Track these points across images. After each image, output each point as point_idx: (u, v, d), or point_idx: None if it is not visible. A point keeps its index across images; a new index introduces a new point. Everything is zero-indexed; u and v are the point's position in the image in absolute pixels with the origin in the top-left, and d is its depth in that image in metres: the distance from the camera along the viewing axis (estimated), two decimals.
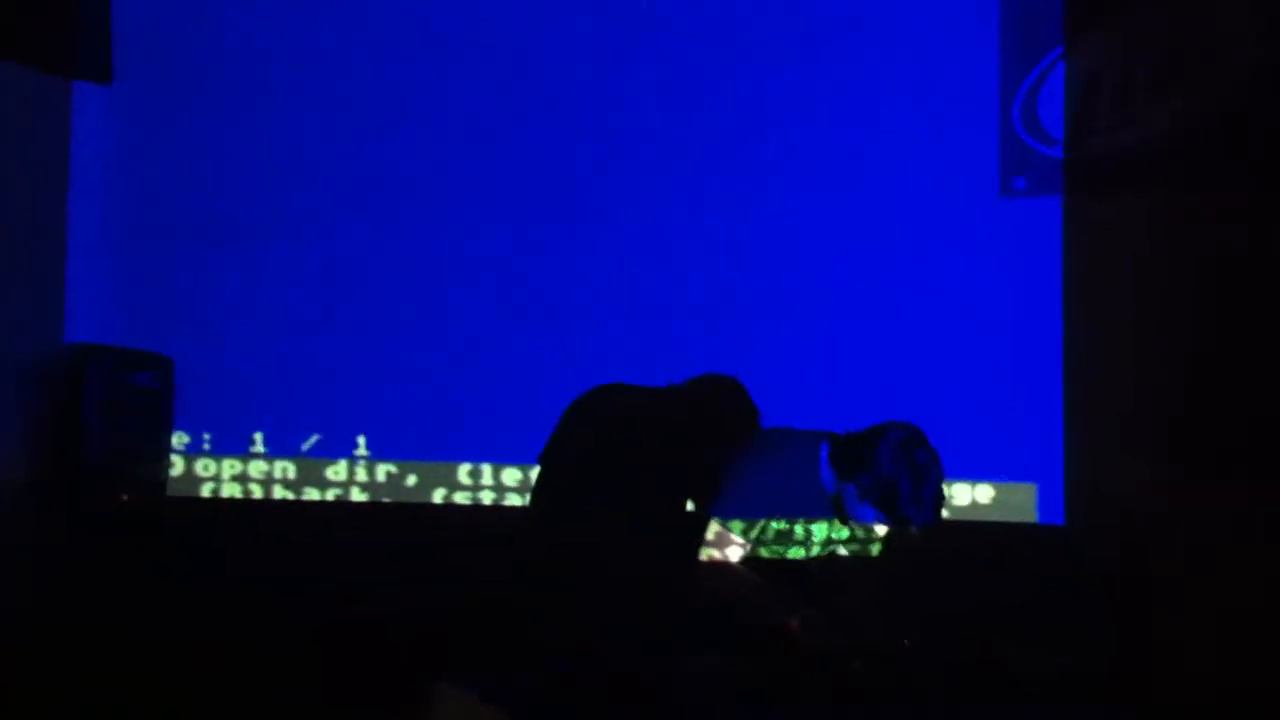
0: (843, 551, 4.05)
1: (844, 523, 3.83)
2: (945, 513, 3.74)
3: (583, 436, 4.12)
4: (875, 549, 4.02)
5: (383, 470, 5.54)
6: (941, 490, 3.72)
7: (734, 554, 3.81)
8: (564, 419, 4.17)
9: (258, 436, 5.54)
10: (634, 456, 4.18)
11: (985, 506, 5.43)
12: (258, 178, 5.54)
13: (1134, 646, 3.73)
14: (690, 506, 4.04)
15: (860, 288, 5.49)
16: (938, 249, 5.44)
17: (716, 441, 4.17)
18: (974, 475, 5.41)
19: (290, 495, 5.54)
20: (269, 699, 4.42)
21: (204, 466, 5.55)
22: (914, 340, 5.47)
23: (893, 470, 3.66)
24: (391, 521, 5.44)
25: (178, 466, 5.53)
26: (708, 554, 3.82)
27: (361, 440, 5.55)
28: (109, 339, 5.40)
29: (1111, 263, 5.07)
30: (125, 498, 5.31)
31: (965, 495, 5.44)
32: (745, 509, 3.81)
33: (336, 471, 5.55)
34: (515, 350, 5.49)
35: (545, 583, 3.97)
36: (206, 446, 5.56)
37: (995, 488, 5.44)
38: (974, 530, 5.33)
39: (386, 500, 5.52)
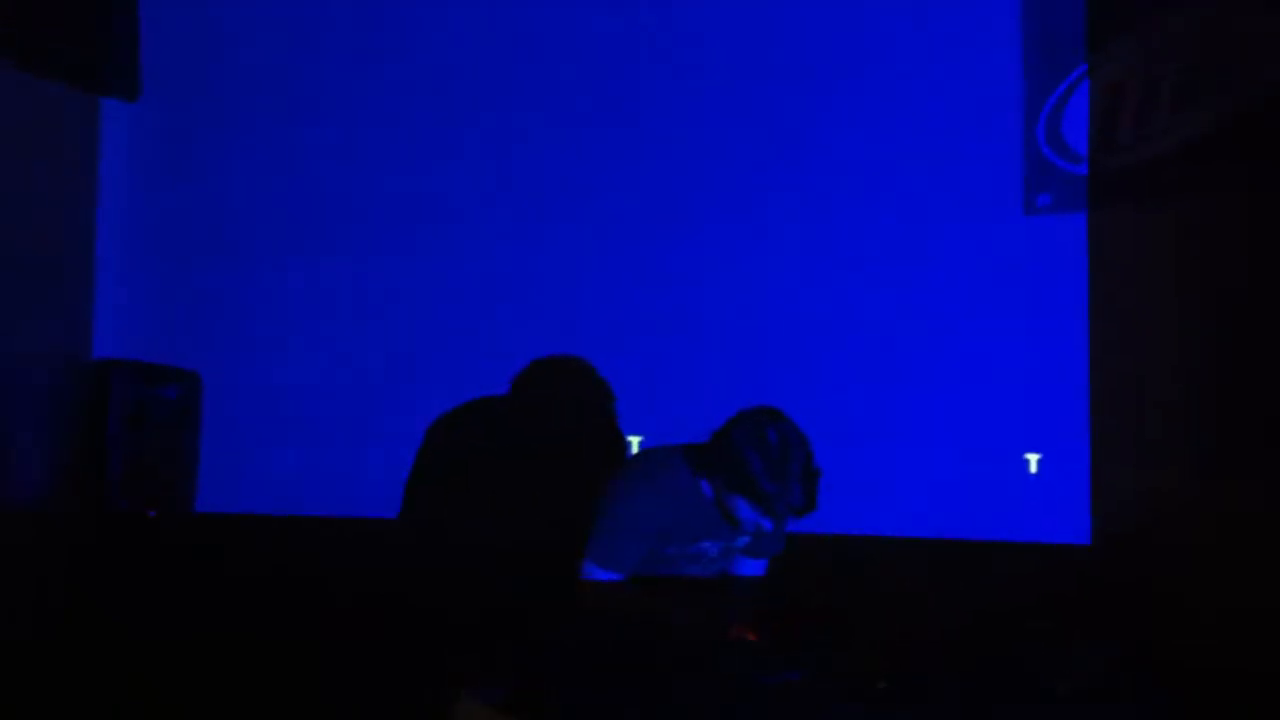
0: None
1: (735, 527, 3.77)
2: None
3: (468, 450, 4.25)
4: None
5: None
6: (808, 466, 3.63)
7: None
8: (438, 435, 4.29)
9: (284, 451, 5.55)
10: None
11: None
12: (284, 193, 5.57)
13: (1165, 656, 3.72)
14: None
15: (884, 306, 5.48)
16: (962, 267, 5.43)
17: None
18: (995, 492, 5.39)
19: (316, 510, 5.54)
20: (288, 711, 4.43)
21: (229, 481, 5.57)
22: (939, 358, 5.46)
23: (741, 451, 3.59)
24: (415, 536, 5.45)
25: (203, 481, 5.55)
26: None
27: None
28: (136, 354, 5.42)
29: (1137, 279, 5.07)
30: (151, 512, 5.33)
31: None
32: (628, 543, 3.76)
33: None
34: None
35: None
36: (232, 460, 5.57)
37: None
38: (996, 549, 5.31)
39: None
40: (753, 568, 4.06)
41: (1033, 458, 5.35)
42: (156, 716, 4.40)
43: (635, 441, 5.19)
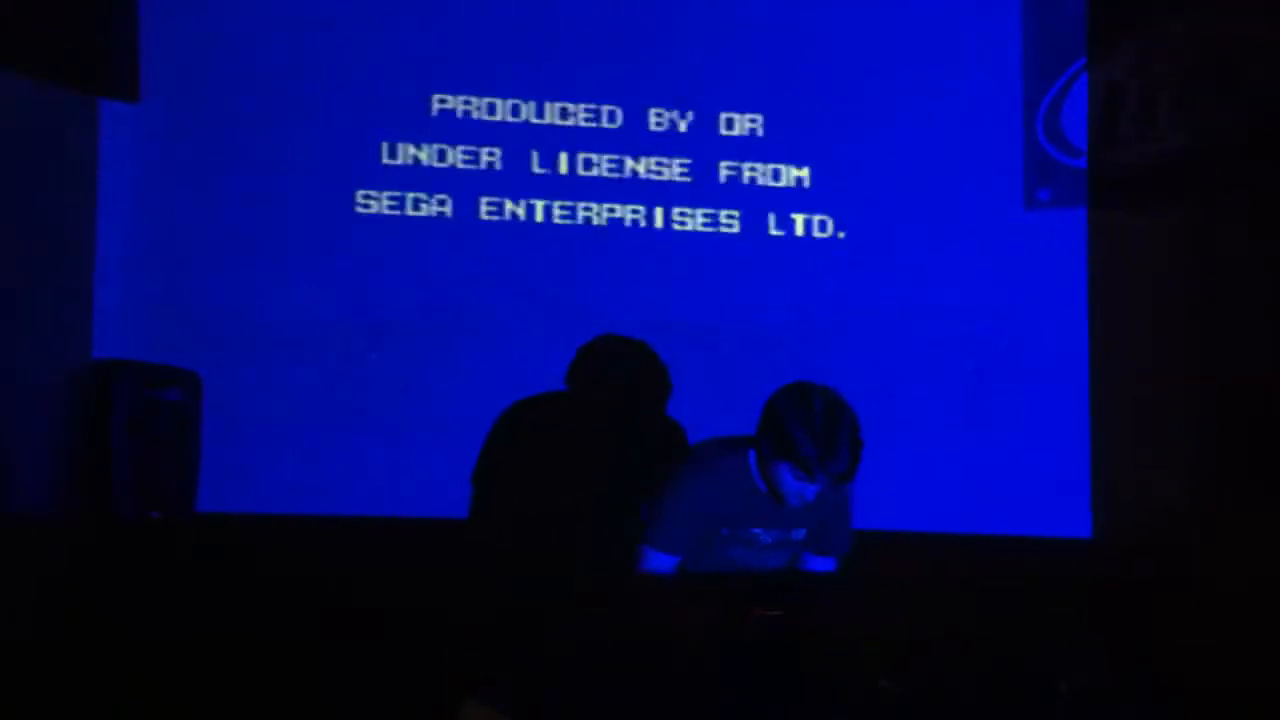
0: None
1: (779, 502, 3.79)
2: None
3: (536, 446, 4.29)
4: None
5: None
6: (854, 436, 3.68)
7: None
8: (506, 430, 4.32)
9: (286, 452, 5.55)
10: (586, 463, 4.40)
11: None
12: (285, 194, 5.56)
13: (1166, 655, 3.73)
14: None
15: (886, 300, 5.48)
16: (963, 261, 5.44)
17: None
18: (997, 486, 5.39)
19: (317, 510, 5.54)
20: (291, 712, 4.43)
21: (231, 481, 5.56)
22: (939, 352, 5.46)
23: (784, 417, 3.65)
24: (422, 535, 5.45)
25: (205, 483, 5.54)
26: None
27: None
28: (136, 355, 5.41)
29: (1137, 273, 5.08)
30: (153, 514, 5.32)
31: None
32: (685, 523, 3.79)
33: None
34: (550, 360, 5.50)
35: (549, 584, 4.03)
36: (234, 461, 5.57)
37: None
38: (996, 545, 5.32)
39: (417, 516, 5.52)
40: (823, 565, 4.08)
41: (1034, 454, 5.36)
42: (160, 718, 4.41)
43: None
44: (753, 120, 5.61)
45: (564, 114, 5.63)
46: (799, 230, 5.58)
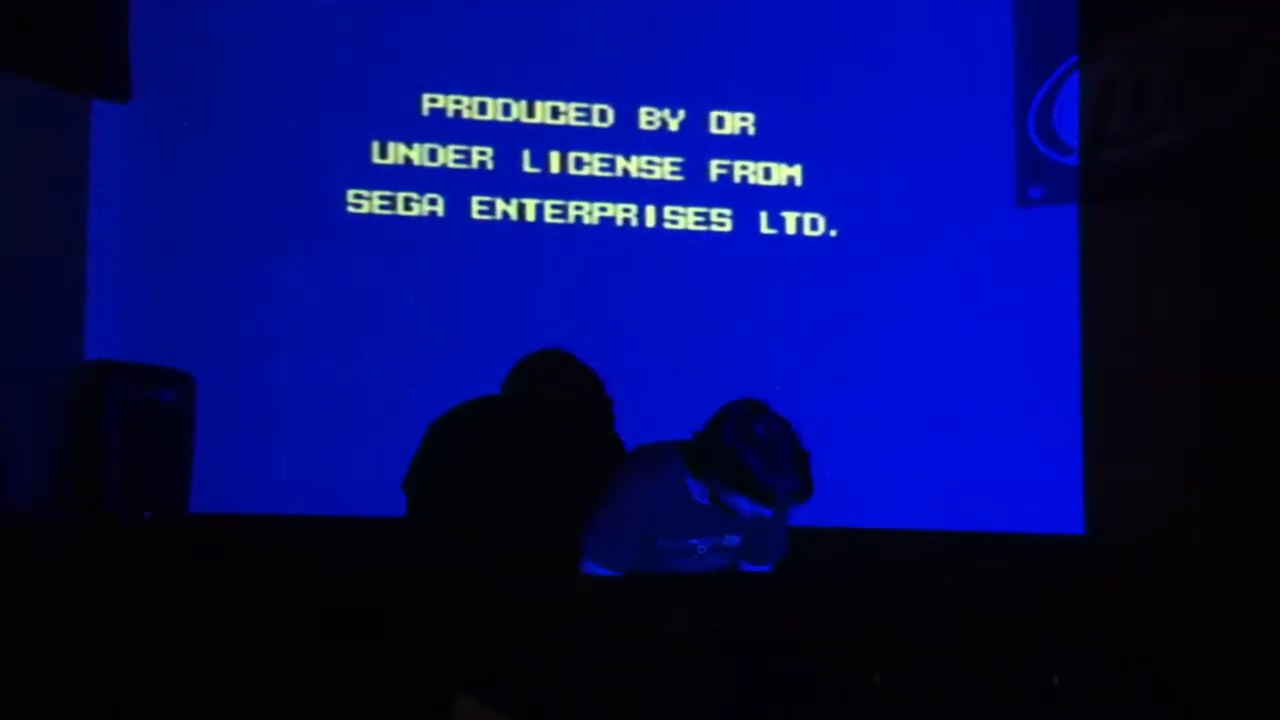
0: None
1: (734, 518, 3.73)
2: None
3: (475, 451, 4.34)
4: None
5: None
6: (796, 451, 3.62)
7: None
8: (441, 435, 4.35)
9: (279, 452, 5.55)
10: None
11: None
12: (276, 195, 5.55)
13: (1165, 655, 3.74)
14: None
15: (878, 298, 5.50)
16: (955, 258, 5.45)
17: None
18: (989, 484, 5.41)
19: (311, 510, 5.54)
20: (286, 712, 4.43)
21: (225, 483, 5.56)
22: (930, 349, 5.48)
23: (734, 451, 3.59)
24: (414, 535, 5.45)
25: (199, 483, 5.54)
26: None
27: None
28: (130, 356, 5.41)
29: (1128, 271, 5.09)
30: (147, 515, 5.32)
31: None
32: (623, 538, 3.77)
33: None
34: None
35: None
36: (227, 462, 5.56)
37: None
38: (991, 543, 5.33)
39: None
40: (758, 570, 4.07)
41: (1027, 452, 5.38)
42: (155, 718, 4.41)
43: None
44: (744, 119, 5.62)
45: (555, 113, 5.63)
46: (790, 229, 5.60)
